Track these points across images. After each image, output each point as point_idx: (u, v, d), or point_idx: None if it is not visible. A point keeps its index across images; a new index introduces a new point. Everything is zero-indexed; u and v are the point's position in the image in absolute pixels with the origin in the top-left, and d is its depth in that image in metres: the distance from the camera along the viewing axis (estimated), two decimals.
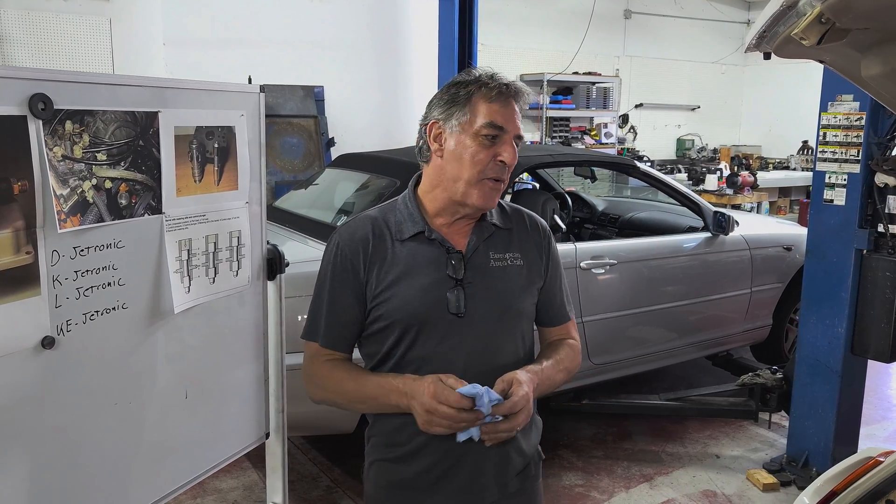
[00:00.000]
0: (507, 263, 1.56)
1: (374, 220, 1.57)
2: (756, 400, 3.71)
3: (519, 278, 1.57)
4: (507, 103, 1.48)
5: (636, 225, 4.56)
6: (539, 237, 1.64)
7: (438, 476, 1.53)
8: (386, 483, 1.59)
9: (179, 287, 1.67)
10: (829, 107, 3.22)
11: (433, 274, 1.51)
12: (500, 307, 1.53)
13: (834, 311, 3.28)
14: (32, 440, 1.41)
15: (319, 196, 4.06)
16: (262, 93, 1.86)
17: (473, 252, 1.54)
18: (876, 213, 3.11)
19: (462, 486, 1.53)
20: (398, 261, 1.52)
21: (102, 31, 5.39)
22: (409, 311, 1.50)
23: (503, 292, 1.54)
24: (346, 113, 6.10)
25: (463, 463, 1.52)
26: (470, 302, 1.50)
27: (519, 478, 1.60)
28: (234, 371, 1.92)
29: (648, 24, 9.84)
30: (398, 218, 1.57)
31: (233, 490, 3.32)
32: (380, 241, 1.54)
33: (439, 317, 1.49)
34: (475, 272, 1.53)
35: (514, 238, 1.60)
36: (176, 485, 1.76)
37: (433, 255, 1.52)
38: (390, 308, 1.51)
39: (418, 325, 1.50)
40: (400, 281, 1.51)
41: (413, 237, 1.54)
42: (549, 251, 1.65)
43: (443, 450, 1.51)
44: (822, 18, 1.05)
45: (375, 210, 1.62)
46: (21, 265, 1.32)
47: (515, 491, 1.59)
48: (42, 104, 1.32)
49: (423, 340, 1.51)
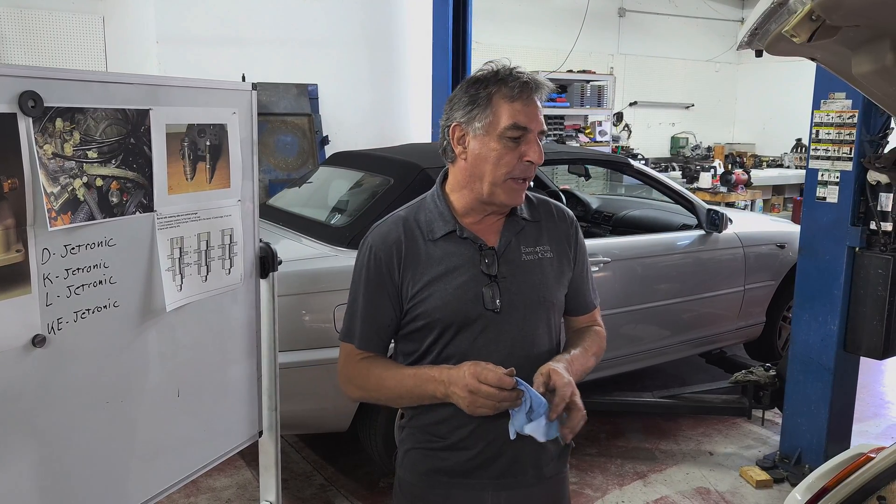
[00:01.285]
0: (538, 256, 1.58)
1: (405, 221, 1.58)
2: (749, 397, 3.73)
3: (551, 270, 1.59)
4: (529, 100, 1.48)
5: (630, 223, 4.57)
6: (567, 227, 1.66)
7: (478, 465, 1.56)
8: (425, 470, 1.61)
9: (171, 285, 1.66)
10: (822, 105, 3.23)
11: (468, 272, 1.53)
12: (534, 300, 1.55)
13: (827, 309, 3.29)
14: (23, 439, 1.40)
15: (313, 194, 4.06)
16: (254, 90, 1.86)
17: (506, 248, 1.56)
18: (868, 210, 3.12)
19: (500, 472, 1.56)
20: (433, 261, 1.53)
21: (96, 28, 5.38)
22: (447, 310, 1.52)
23: (537, 285, 1.56)
24: (340, 111, 6.09)
25: (503, 451, 1.55)
26: (505, 297, 1.53)
27: (553, 464, 1.63)
28: (227, 369, 1.92)
29: (643, 22, 9.84)
30: (428, 217, 1.57)
31: (226, 489, 3.31)
32: (412, 243, 1.55)
33: (477, 314, 1.52)
34: (508, 267, 1.55)
35: (543, 230, 1.62)
36: (169, 483, 1.76)
37: (467, 253, 1.54)
38: (428, 308, 1.52)
39: (457, 323, 1.52)
40: (436, 281, 1.53)
41: (445, 236, 1.55)
42: (576, 241, 1.66)
43: (486, 441, 1.53)
44: (812, 16, 1.05)
45: (405, 210, 1.62)
46: (11, 263, 1.32)
47: (550, 476, 1.63)
48: (32, 102, 1.31)
49: (461, 337, 1.53)
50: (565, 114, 8.98)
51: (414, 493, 1.62)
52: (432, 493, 1.60)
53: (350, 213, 3.47)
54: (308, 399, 2.95)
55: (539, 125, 1.49)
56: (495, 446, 1.54)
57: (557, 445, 1.60)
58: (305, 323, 2.93)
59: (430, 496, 1.60)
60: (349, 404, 3.02)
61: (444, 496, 1.58)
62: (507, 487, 1.58)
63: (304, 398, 2.92)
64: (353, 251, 3.07)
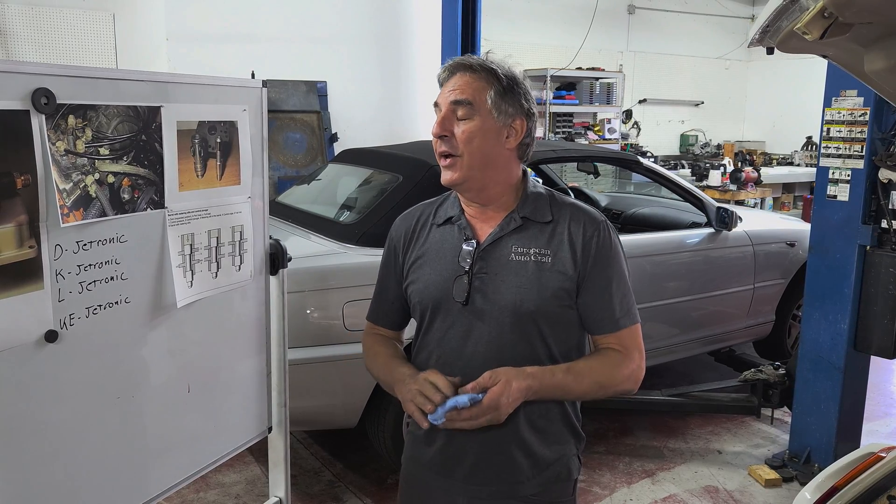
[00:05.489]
0: (529, 259, 1.49)
1: (426, 207, 1.65)
2: (758, 396, 3.71)
3: (540, 275, 1.48)
4: (450, 79, 1.49)
5: (639, 220, 4.56)
6: (580, 235, 1.50)
7: (445, 459, 1.56)
8: (409, 456, 1.66)
9: (182, 281, 1.67)
10: (833, 102, 3.21)
11: (451, 260, 1.54)
12: (512, 302, 1.47)
13: (837, 308, 3.27)
14: (35, 433, 1.41)
15: (322, 191, 4.06)
16: (264, 87, 1.86)
17: (491, 243, 1.51)
18: (879, 208, 3.10)
19: (466, 476, 1.55)
20: (428, 244, 1.58)
21: (106, 25, 5.40)
22: (425, 292, 1.55)
23: (518, 287, 1.47)
24: (349, 108, 6.10)
25: (466, 451, 1.53)
26: (478, 292, 1.50)
27: (535, 483, 1.54)
28: (237, 365, 1.93)
29: (652, 19, 9.80)
30: (445, 205, 1.62)
31: (235, 484, 3.33)
32: (422, 226, 1.62)
33: (449, 303, 1.52)
34: (490, 263, 1.50)
35: (549, 233, 1.51)
36: (178, 478, 1.77)
37: (455, 241, 1.55)
38: (414, 289, 1.58)
39: (431, 308, 1.55)
40: (424, 264, 1.57)
41: (446, 222, 1.58)
42: (593, 252, 1.50)
43: (447, 433, 1.53)
44: (825, 13, 1.04)
45: (438, 197, 1.66)
46: (24, 259, 1.32)
47: (531, 495, 1.54)
48: (45, 99, 1.32)
49: (437, 326, 1.55)
50: (574, 111, 8.96)
51: (405, 476, 1.69)
52: (417, 482, 1.64)
53: (359, 211, 3.47)
54: (317, 395, 2.96)
55: (446, 99, 1.47)
56: (456, 443, 1.53)
57: (531, 462, 1.53)
58: (315, 320, 2.94)
59: (414, 484, 1.65)
60: (358, 401, 3.03)
61: (425, 492, 1.62)
62: (479, 497, 1.54)
63: (313, 394, 2.93)
64: (361, 248, 3.11)
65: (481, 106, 1.45)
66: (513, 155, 1.53)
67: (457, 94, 1.45)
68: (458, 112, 1.46)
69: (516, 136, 1.50)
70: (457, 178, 1.48)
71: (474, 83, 1.46)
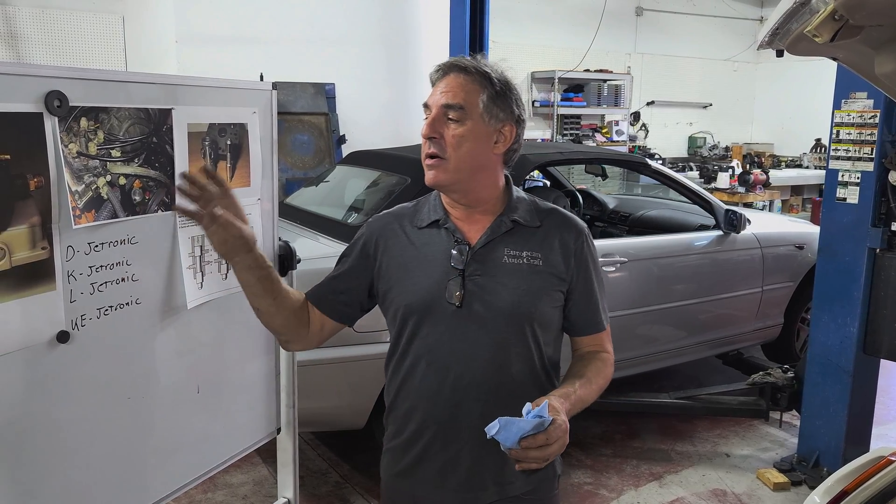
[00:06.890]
0: (522, 262, 1.50)
1: (404, 209, 1.63)
2: (767, 399, 3.70)
3: (534, 278, 1.50)
4: (441, 81, 1.48)
5: (647, 223, 4.55)
6: (569, 239, 1.55)
7: (441, 469, 1.53)
8: (394, 472, 1.62)
9: (192, 283, 1.68)
10: (843, 104, 3.20)
11: (441, 263, 1.51)
12: (506, 304, 1.48)
13: (846, 310, 3.26)
14: (46, 433, 1.42)
15: (330, 193, 4.08)
16: (274, 90, 1.87)
17: (483, 245, 1.51)
18: (889, 211, 3.09)
19: (460, 484, 1.53)
20: (411, 247, 1.55)
21: (115, 28, 5.43)
22: (413, 298, 1.51)
23: (512, 289, 1.48)
24: (357, 110, 6.11)
25: (461, 457, 1.52)
26: (472, 295, 1.48)
27: (524, 483, 1.54)
28: (246, 366, 1.93)
29: (660, 20, 9.79)
30: (426, 208, 1.60)
31: (243, 485, 3.34)
32: (400, 228, 1.58)
33: (440, 306, 1.49)
34: (483, 265, 1.49)
35: (539, 237, 1.53)
36: (187, 479, 1.78)
37: (443, 244, 1.52)
38: (398, 295, 1.53)
39: (420, 314, 1.50)
40: (408, 269, 1.53)
41: (429, 226, 1.56)
42: (579, 254, 1.55)
43: (442, 441, 1.52)
44: (835, 15, 1.04)
45: (414, 200, 1.65)
46: (37, 260, 1.34)
47: (520, 495, 1.55)
48: (58, 101, 1.33)
49: (425, 332, 1.51)
50: (582, 113, 8.96)
51: (389, 494, 1.66)
52: (403, 498, 1.61)
53: (367, 212, 3.48)
54: (325, 397, 2.97)
55: (437, 102, 1.46)
56: (452, 450, 1.51)
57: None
58: None
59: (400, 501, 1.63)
60: (366, 402, 3.03)
61: None
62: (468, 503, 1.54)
63: (320, 396, 2.93)
64: None
65: (473, 110, 1.45)
66: (499, 160, 1.53)
67: (449, 96, 1.45)
68: (448, 114, 1.46)
69: (505, 142, 1.50)
70: (442, 180, 1.49)
71: (467, 85, 1.46)
